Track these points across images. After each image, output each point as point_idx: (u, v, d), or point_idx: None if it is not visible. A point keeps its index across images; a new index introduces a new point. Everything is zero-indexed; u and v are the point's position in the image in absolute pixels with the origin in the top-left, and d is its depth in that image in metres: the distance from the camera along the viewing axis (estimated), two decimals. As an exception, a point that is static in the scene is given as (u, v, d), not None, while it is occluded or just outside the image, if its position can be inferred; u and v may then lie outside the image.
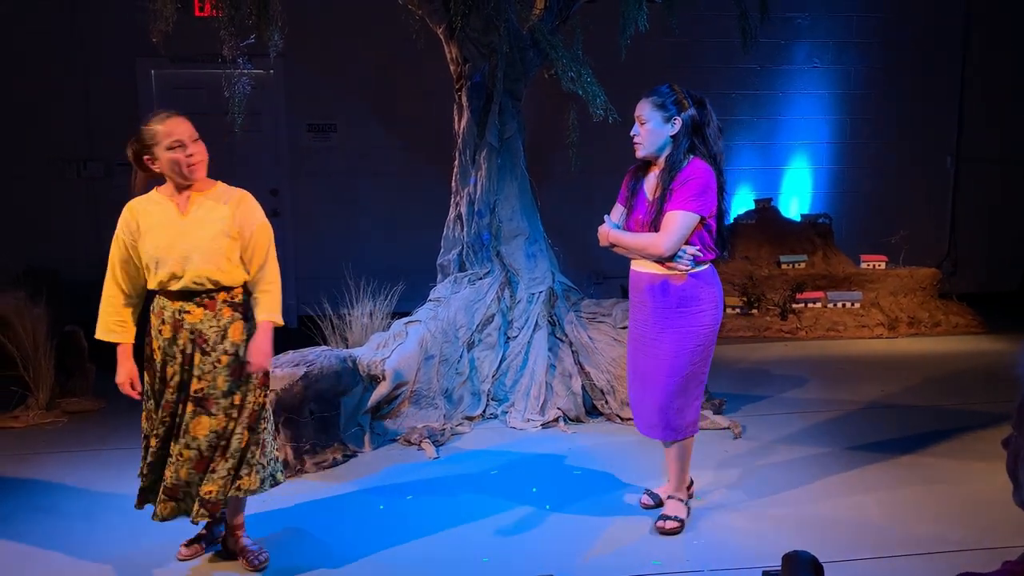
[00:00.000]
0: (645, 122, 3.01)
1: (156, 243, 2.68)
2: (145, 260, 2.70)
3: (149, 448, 2.78)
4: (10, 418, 4.45)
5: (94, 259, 6.61)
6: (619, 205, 3.16)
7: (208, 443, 2.71)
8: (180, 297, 2.70)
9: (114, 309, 2.77)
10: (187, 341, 2.69)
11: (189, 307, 2.69)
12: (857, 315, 6.61)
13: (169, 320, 2.71)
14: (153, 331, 2.75)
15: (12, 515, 3.35)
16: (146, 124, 2.70)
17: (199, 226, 2.70)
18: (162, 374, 2.73)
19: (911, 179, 7.83)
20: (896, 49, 7.65)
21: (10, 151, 6.67)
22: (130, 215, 2.72)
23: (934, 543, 3.06)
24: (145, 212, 2.72)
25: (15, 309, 4.53)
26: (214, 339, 2.70)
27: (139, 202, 2.75)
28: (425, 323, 4.39)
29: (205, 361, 2.69)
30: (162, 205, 2.73)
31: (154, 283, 2.72)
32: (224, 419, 2.71)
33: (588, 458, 3.92)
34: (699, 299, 3.01)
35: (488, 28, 4.47)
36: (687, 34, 5.48)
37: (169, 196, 2.75)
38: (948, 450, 4.01)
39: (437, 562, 2.96)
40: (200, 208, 2.73)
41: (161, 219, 2.71)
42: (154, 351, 2.75)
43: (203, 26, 4.90)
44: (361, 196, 7.15)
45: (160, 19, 4.10)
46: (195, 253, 2.67)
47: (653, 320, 3.04)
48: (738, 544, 3.06)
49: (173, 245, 2.67)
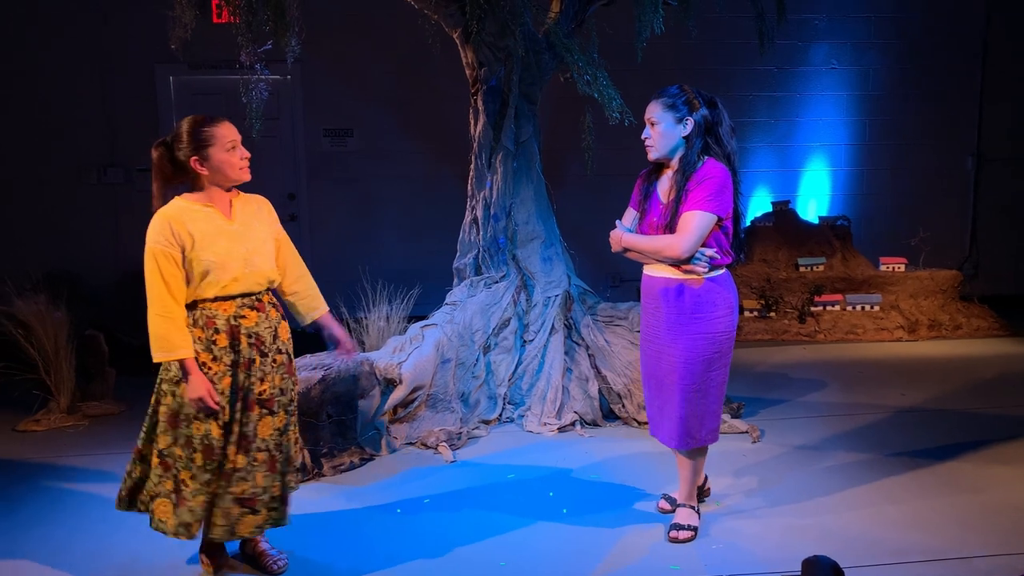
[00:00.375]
0: (656, 124, 2.98)
1: (215, 249, 2.65)
2: (202, 267, 2.63)
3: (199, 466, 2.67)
4: (32, 421, 4.50)
5: (114, 264, 6.71)
6: (631, 209, 3.13)
7: (274, 442, 2.78)
8: (234, 302, 2.70)
9: (180, 324, 2.63)
10: (247, 346, 2.70)
11: (243, 312, 2.72)
12: (876, 318, 6.55)
13: (224, 328, 2.68)
14: (200, 344, 2.66)
15: (34, 518, 3.39)
16: (197, 126, 2.67)
17: (249, 229, 2.75)
18: (223, 387, 2.67)
19: (931, 180, 7.75)
20: (915, 49, 7.59)
21: (32, 157, 6.75)
22: (177, 226, 2.62)
23: (956, 549, 3.03)
24: (192, 221, 2.65)
25: (36, 313, 4.57)
26: (268, 340, 2.76)
27: (178, 212, 2.66)
28: (441, 327, 4.40)
29: (264, 363, 2.74)
30: (205, 212, 2.69)
31: (214, 290, 2.66)
32: (284, 416, 2.80)
33: (605, 462, 3.91)
34: (715, 304, 2.96)
35: (504, 32, 4.47)
36: (704, 36, 5.46)
37: (206, 203, 2.70)
38: (970, 455, 3.96)
39: (454, 566, 2.96)
40: (242, 212, 2.77)
41: (212, 225, 2.68)
42: (205, 364, 2.66)
43: (221, 32, 4.93)
44: (377, 200, 7.17)
45: (179, 26, 4.14)
46: (256, 256, 2.73)
47: (667, 326, 3.00)
48: (757, 549, 3.04)
49: (232, 250, 2.68)
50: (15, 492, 3.65)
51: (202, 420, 2.66)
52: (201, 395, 2.62)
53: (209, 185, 2.72)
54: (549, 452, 4.06)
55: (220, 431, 2.68)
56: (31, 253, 6.51)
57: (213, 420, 2.67)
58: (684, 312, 2.96)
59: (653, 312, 3.06)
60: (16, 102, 6.69)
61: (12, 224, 6.75)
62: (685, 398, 3.01)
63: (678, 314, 2.97)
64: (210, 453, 2.67)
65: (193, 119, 2.70)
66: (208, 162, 2.67)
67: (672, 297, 2.98)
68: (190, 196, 2.72)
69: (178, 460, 2.69)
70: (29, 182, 6.76)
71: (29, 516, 3.40)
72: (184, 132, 2.68)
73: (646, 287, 3.09)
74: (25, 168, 6.75)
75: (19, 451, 4.16)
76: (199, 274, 2.64)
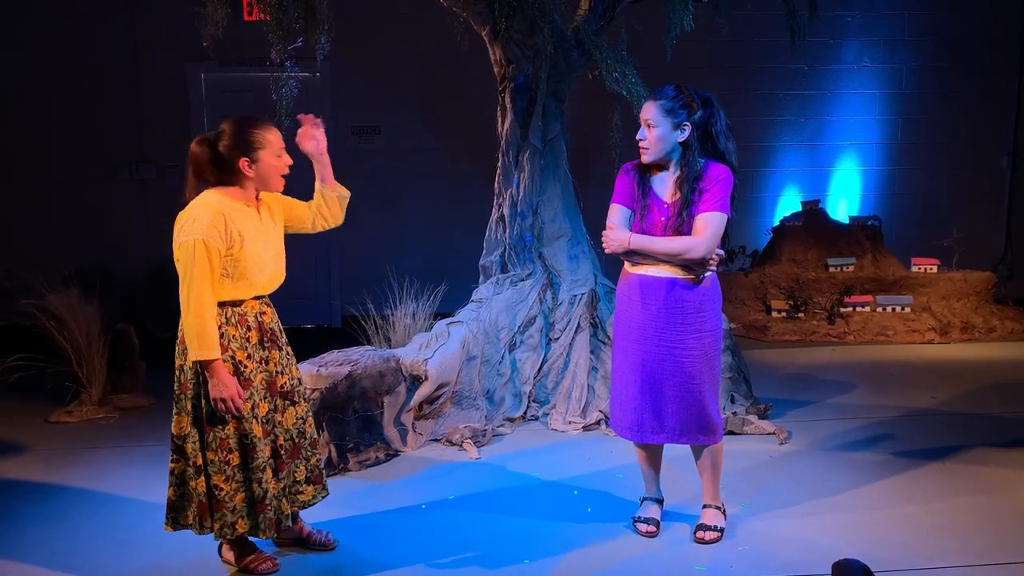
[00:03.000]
0: (653, 127, 2.92)
1: (257, 248, 2.71)
2: (244, 267, 2.66)
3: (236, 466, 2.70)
4: (64, 413, 4.58)
5: (145, 258, 6.79)
6: (622, 207, 3.02)
7: (298, 430, 2.87)
8: (259, 300, 2.79)
9: (214, 322, 2.63)
10: (269, 340, 2.79)
11: (263, 308, 2.81)
12: (907, 320, 6.46)
13: (254, 325, 2.75)
14: (235, 343, 2.69)
15: (65, 508, 3.44)
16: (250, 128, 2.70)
17: (274, 230, 2.83)
18: (257, 383, 2.74)
19: (965, 180, 7.62)
20: (950, 47, 7.46)
21: (65, 153, 6.86)
22: (228, 221, 2.64)
23: (989, 553, 2.98)
24: (238, 218, 2.67)
25: (69, 307, 4.64)
26: (279, 334, 2.86)
27: (223, 207, 2.67)
28: (467, 324, 4.40)
29: (281, 356, 2.83)
30: (245, 210, 2.73)
31: (251, 290, 2.72)
32: (304, 404, 2.90)
33: (630, 461, 3.88)
34: (714, 301, 3.00)
35: (532, 29, 4.47)
36: (733, 33, 5.41)
37: (246, 202, 2.74)
38: (1003, 459, 3.89)
39: (478, 562, 2.96)
40: (265, 213, 2.83)
41: (252, 223, 2.73)
42: (242, 362, 2.69)
43: (252, 30, 4.98)
44: (404, 197, 7.20)
45: (210, 23, 4.18)
46: (281, 257, 2.84)
47: (671, 326, 2.94)
48: (784, 551, 3.01)
49: (268, 248, 2.77)
50: (46, 482, 3.71)
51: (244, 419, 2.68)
52: (231, 395, 2.62)
53: (250, 185, 2.74)
54: (574, 451, 4.05)
55: (261, 428, 2.73)
56: (64, 248, 6.61)
57: (253, 419, 2.69)
58: (689, 311, 2.94)
59: (643, 312, 2.98)
60: (50, 100, 6.80)
61: (45, 219, 6.86)
62: (712, 394, 3.00)
63: (684, 313, 2.94)
64: (252, 452, 2.70)
65: (241, 120, 2.72)
66: (257, 165, 2.71)
67: (679, 298, 2.94)
68: (227, 192, 2.72)
69: (209, 464, 2.70)
70: (62, 178, 6.87)
71: (58, 507, 3.45)
72: (233, 132, 2.69)
73: (643, 287, 2.97)
74: (58, 165, 6.86)
75: (51, 442, 4.23)
76: (239, 273, 2.66)
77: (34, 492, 3.60)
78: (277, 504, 2.79)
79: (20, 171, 6.84)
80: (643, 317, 2.99)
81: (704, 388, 2.99)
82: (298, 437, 2.88)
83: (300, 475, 2.90)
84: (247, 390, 2.70)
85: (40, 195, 6.86)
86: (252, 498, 2.73)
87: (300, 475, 2.90)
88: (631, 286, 3.03)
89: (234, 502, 2.71)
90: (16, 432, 4.36)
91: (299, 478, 2.90)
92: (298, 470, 2.89)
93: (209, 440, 2.69)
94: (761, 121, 7.38)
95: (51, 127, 6.82)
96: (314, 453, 2.95)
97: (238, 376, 2.68)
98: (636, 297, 3.00)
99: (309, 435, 2.93)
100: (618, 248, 2.98)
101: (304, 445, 2.91)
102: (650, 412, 3.03)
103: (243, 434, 2.69)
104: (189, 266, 2.59)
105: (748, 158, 6.46)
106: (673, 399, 3.00)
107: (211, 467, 2.70)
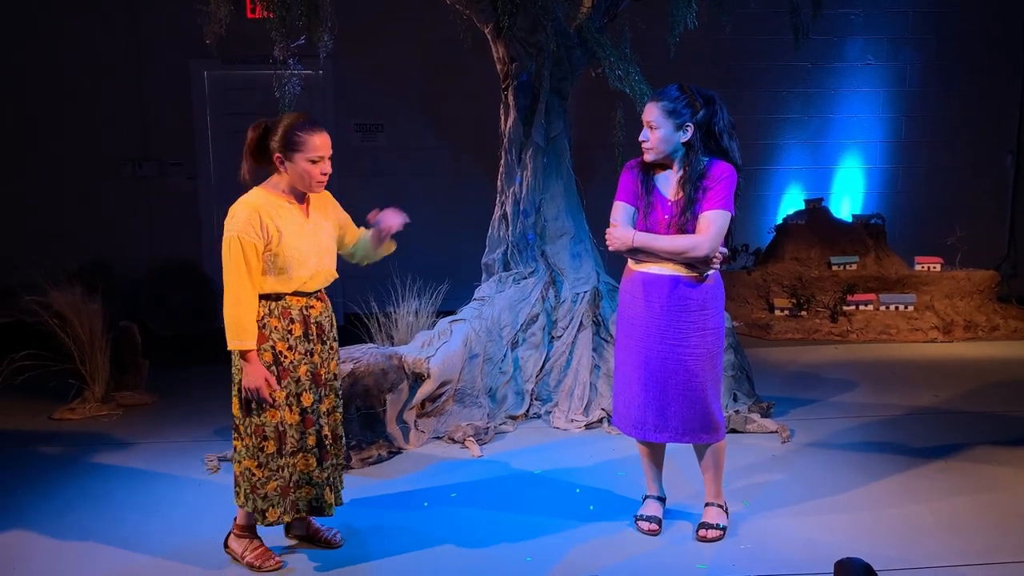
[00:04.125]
0: (656, 128, 2.92)
1: (297, 244, 2.76)
2: (284, 263, 2.74)
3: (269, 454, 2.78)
4: (67, 410, 4.59)
5: (148, 256, 6.81)
6: (626, 204, 3.02)
7: (334, 421, 2.93)
8: (308, 295, 2.84)
9: (253, 313, 2.73)
10: (315, 334, 2.85)
11: (312, 303, 2.86)
12: (910, 318, 6.45)
13: (298, 318, 2.81)
14: (276, 334, 2.77)
15: (68, 504, 3.45)
16: (294, 126, 2.74)
17: (321, 228, 2.88)
18: (298, 374, 2.80)
19: (968, 178, 7.61)
20: (953, 45, 7.44)
21: (68, 151, 6.87)
22: (265, 217, 2.71)
23: (991, 552, 2.97)
24: (277, 215, 2.75)
25: (72, 304, 4.65)
26: (327, 328, 2.91)
27: (266, 204, 2.75)
28: (470, 322, 4.41)
29: (323, 350, 2.88)
30: (288, 207, 2.80)
31: (292, 286, 2.78)
32: (334, 399, 2.94)
33: (632, 459, 3.87)
34: (717, 299, 3.00)
35: (535, 27, 4.47)
36: (737, 31, 5.40)
37: (287, 198, 2.80)
38: (1006, 458, 3.88)
39: (480, 560, 2.97)
40: (315, 211, 2.88)
41: (294, 221, 2.79)
42: (282, 353, 2.78)
43: (255, 27, 4.98)
44: (407, 195, 7.17)
45: (213, 21, 4.18)
46: (327, 255, 2.88)
47: (671, 324, 2.94)
48: (786, 550, 3.01)
49: (312, 246, 2.81)
50: (50, 479, 3.72)
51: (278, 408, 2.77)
52: (259, 385, 2.72)
53: (287, 183, 2.81)
54: (576, 448, 4.05)
55: (297, 418, 2.80)
56: (67, 245, 6.61)
57: (287, 407, 2.78)
58: (692, 309, 2.94)
59: (645, 310, 2.98)
60: (53, 97, 6.80)
61: (48, 216, 6.87)
62: (707, 392, 2.99)
63: (687, 311, 2.94)
64: (283, 440, 2.78)
65: (296, 117, 2.80)
66: (290, 164, 2.76)
67: (682, 296, 2.93)
68: (273, 189, 2.81)
69: (242, 450, 2.81)
70: (65, 176, 6.88)
71: (63, 504, 3.46)
72: (282, 126, 2.77)
73: (645, 285, 2.98)
74: (61, 162, 6.87)
75: (55, 439, 4.24)
76: (279, 268, 2.75)
77: (37, 489, 3.61)
78: (318, 492, 2.86)
79: (23, 168, 6.84)
80: (646, 315, 2.99)
81: (707, 386, 2.99)
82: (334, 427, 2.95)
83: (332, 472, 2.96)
84: (285, 379, 2.78)
85: (43, 192, 6.87)
86: (283, 485, 2.81)
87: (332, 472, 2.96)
88: (634, 284, 3.03)
89: (266, 489, 2.79)
90: (19, 429, 4.38)
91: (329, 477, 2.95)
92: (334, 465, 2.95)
93: (245, 426, 2.80)
94: (764, 119, 7.37)
95: (54, 124, 6.82)
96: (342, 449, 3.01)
97: (277, 366, 2.77)
98: (639, 295, 3.00)
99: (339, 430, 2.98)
100: (621, 246, 2.98)
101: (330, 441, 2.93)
102: (653, 410, 3.03)
103: (278, 422, 2.78)
104: (227, 260, 2.71)
105: (751, 156, 6.45)
106: (676, 397, 3.00)
107: (246, 452, 2.81)
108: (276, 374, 2.77)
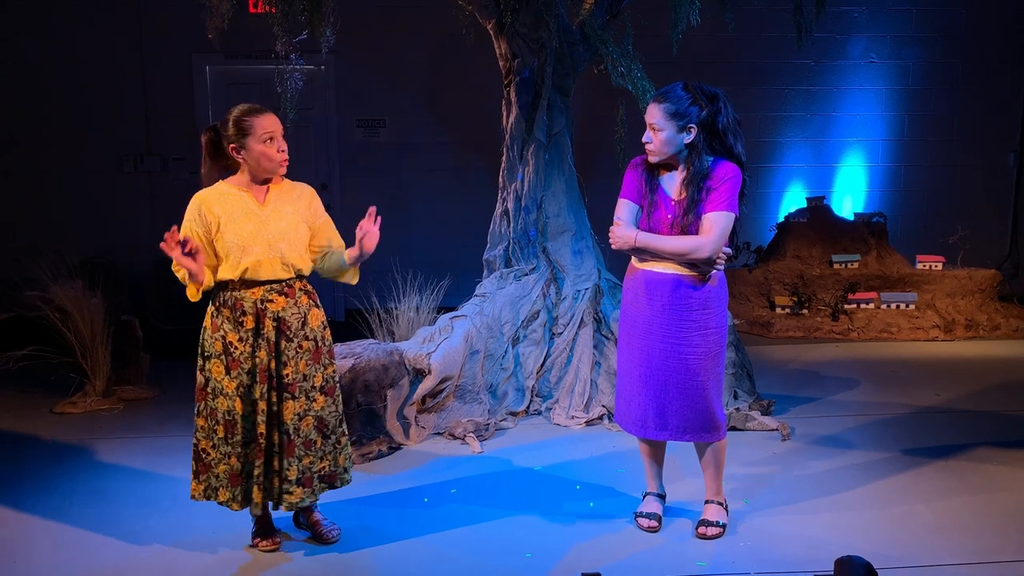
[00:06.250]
0: (658, 131, 2.89)
1: (239, 231, 2.77)
2: (226, 249, 2.77)
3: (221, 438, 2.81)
4: (68, 404, 4.59)
5: (149, 251, 6.79)
6: (630, 202, 3.00)
7: (293, 426, 2.85)
8: (262, 286, 2.80)
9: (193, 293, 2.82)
10: (272, 329, 2.80)
11: (272, 296, 2.82)
12: (912, 317, 6.45)
13: (251, 311, 2.79)
14: (228, 324, 2.79)
15: (69, 498, 3.46)
16: (239, 115, 2.77)
17: (280, 216, 2.84)
18: (249, 366, 2.79)
19: (970, 177, 7.59)
20: (956, 44, 7.43)
21: (70, 145, 6.87)
22: (204, 208, 2.78)
23: (992, 551, 2.97)
24: (219, 203, 2.80)
25: (74, 299, 4.66)
26: (296, 326, 2.84)
27: (208, 194, 2.82)
28: (471, 318, 4.41)
29: (288, 347, 2.83)
30: (237, 196, 2.82)
31: (236, 272, 2.77)
32: (305, 402, 2.87)
33: (632, 456, 3.88)
34: (720, 298, 2.99)
35: (538, 23, 4.46)
36: (740, 28, 5.39)
37: (243, 188, 2.83)
38: (1007, 457, 3.88)
39: (480, 556, 2.97)
40: (277, 199, 2.86)
41: (240, 209, 2.80)
42: (232, 344, 2.78)
43: (257, 23, 4.98)
44: (409, 191, 7.20)
45: (216, 16, 4.18)
46: (282, 241, 2.81)
47: (673, 323, 2.94)
48: (786, 547, 3.01)
49: (258, 233, 2.78)
50: (51, 473, 3.72)
51: (227, 397, 2.79)
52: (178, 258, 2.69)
53: (248, 171, 2.82)
54: (576, 445, 4.06)
55: (243, 408, 2.80)
56: (69, 240, 6.60)
57: (238, 397, 2.79)
58: (695, 308, 2.93)
59: (647, 308, 2.97)
60: (55, 92, 6.80)
61: (50, 211, 6.87)
62: (708, 391, 2.99)
63: (689, 311, 2.93)
64: (232, 428, 2.80)
65: (241, 107, 2.81)
66: (245, 151, 2.78)
67: (684, 295, 2.93)
68: (232, 180, 2.85)
69: (199, 430, 2.86)
70: (67, 170, 6.88)
71: (64, 497, 3.47)
72: (230, 119, 2.79)
73: (648, 284, 2.97)
74: (64, 156, 6.87)
75: (56, 433, 4.25)
76: (224, 255, 2.77)
77: (39, 483, 3.62)
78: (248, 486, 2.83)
79: (25, 162, 6.84)
80: (648, 313, 2.99)
81: (708, 386, 2.99)
82: (293, 434, 2.84)
83: (292, 474, 2.85)
84: (235, 370, 2.80)
85: (45, 187, 6.87)
86: (231, 471, 2.83)
87: (292, 474, 2.85)
88: (637, 282, 3.02)
89: (217, 470, 2.84)
90: (21, 423, 4.38)
91: (291, 477, 2.85)
92: (290, 469, 2.85)
93: (200, 407, 2.85)
94: (767, 116, 7.36)
95: (56, 119, 6.82)
96: (309, 455, 2.88)
97: (227, 356, 2.80)
98: (642, 293, 3.00)
99: (305, 434, 2.86)
100: (623, 245, 2.97)
101: (298, 444, 2.85)
102: (654, 409, 3.03)
103: (227, 409, 2.81)
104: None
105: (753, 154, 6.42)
106: (677, 396, 2.99)
107: (200, 432, 2.86)
108: (225, 364, 2.79)
